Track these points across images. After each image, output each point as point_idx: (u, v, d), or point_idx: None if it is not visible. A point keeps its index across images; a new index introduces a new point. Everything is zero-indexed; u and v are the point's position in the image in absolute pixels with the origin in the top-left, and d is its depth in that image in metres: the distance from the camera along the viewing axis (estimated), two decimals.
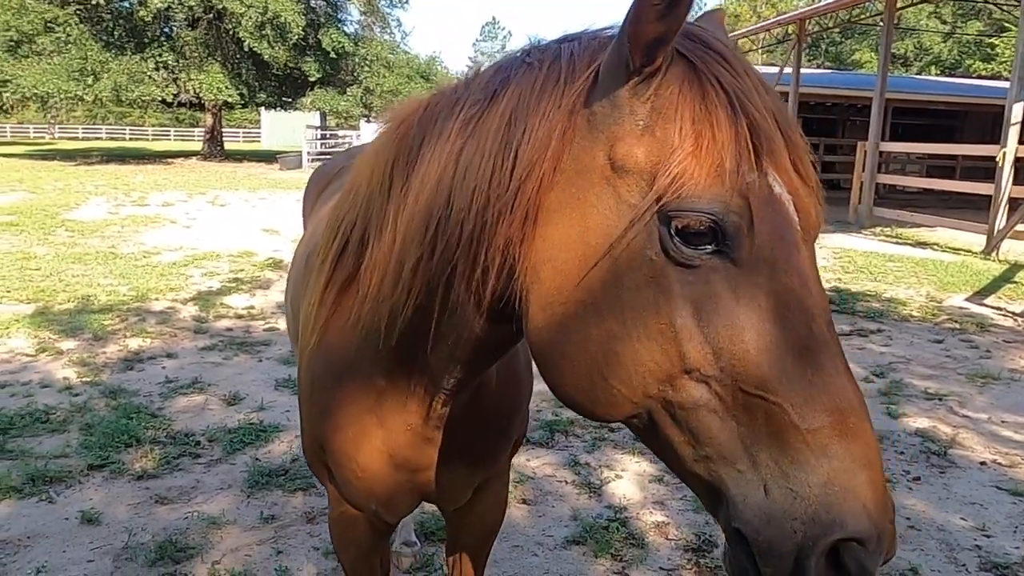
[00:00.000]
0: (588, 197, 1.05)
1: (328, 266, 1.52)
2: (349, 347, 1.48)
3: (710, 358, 0.96)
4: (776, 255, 0.97)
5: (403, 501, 1.72)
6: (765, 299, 0.96)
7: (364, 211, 1.41)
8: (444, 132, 1.24)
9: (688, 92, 1.01)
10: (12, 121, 62.30)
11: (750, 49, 41.10)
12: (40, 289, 7.62)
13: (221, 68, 29.04)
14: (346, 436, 1.59)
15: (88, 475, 3.80)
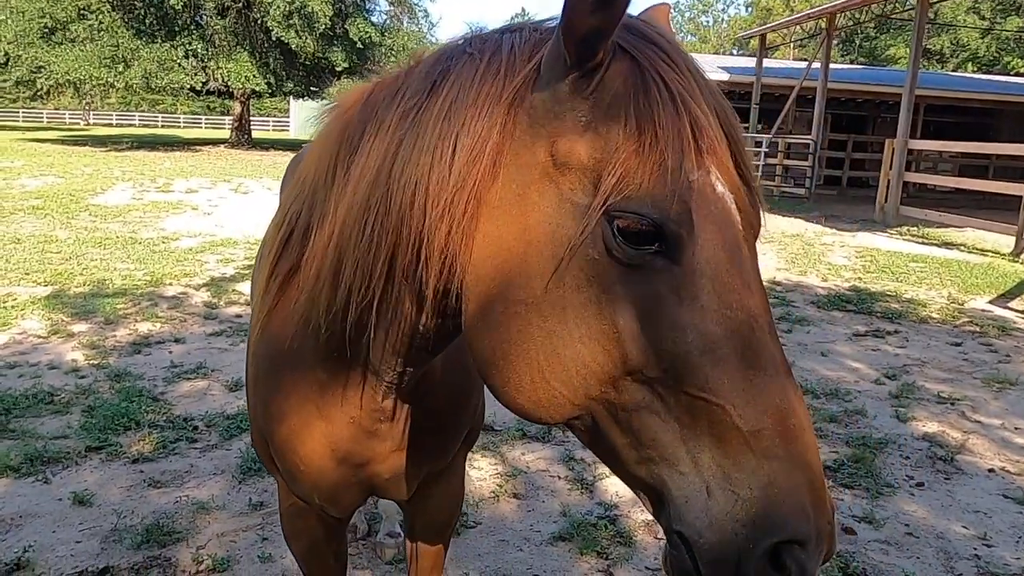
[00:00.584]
0: (529, 194, 1.03)
1: (273, 256, 1.50)
2: (290, 338, 1.45)
3: (653, 360, 0.95)
4: (718, 256, 0.96)
5: (347, 495, 1.69)
6: (707, 300, 0.94)
7: (310, 201, 1.38)
8: (384, 123, 1.21)
9: (631, 89, 0.98)
10: (49, 107, 63.37)
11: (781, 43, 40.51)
12: (58, 272, 7.73)
13: (249, 57, 29.28)
14: (288, 428, 1.57)
15: (86, 457, 3.84)
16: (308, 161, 1.42)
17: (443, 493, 1.95)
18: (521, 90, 1.05)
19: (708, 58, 29.57)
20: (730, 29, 70.38)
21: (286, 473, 1.66)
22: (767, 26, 22.43)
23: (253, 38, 29.45)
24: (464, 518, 3.36)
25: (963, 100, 23.54)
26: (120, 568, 2.92)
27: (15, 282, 7.31)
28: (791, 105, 20.09)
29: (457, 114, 1.09)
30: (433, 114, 1.12)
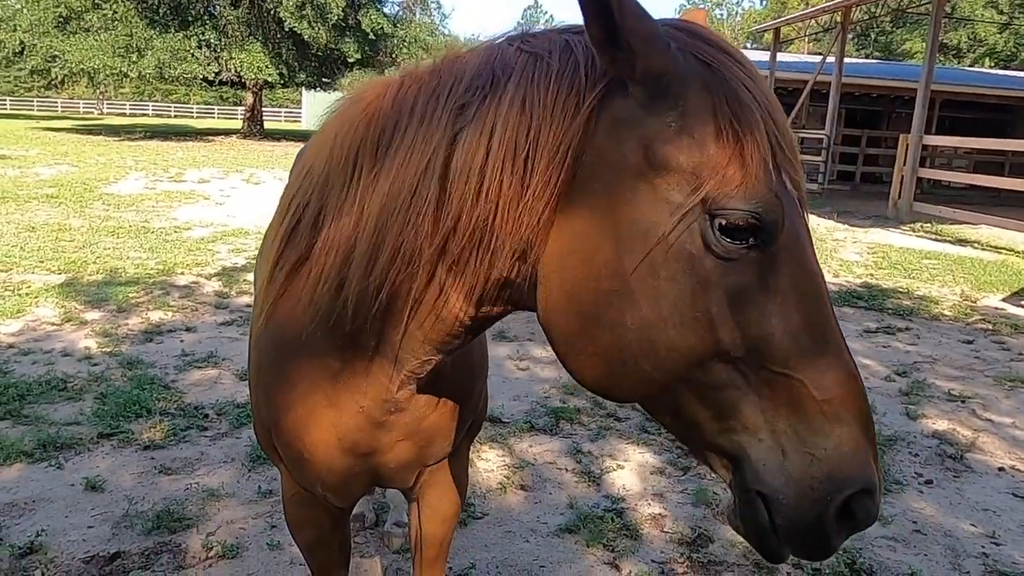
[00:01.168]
0: (621, 192, 1.07)
1: (278, 245, 1.49)
2: (299, 327, 1.46)
3: (740, 341, 1.04)
4: (796, 247, 1.07)
5: (352, 485, 1.70)
6: (788, 286, 1.05)
7: (319, 191, 1.38)
8: (430, 116, 1.22)
9: (717, 96, 1.06)
10: (63, 96, 63.71)
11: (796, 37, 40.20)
12: (71, 260, 7.80)
13: (262, 47, 29.32)
14: (294, 417, 1.57)
15: (98, 443, 3.88)
16: (316, 153, 1.42)
17: (447, 482, 1.96)
18: (601, 92, 1.10)
19: None
20: (744, 23, 69.87)
21: (290, 463, 1.66)
22: (781, 20, 22.26)
23: (266, 28, 29.47)
24: (471, 509, 3.38)
25: (980, 96, 23.29)
26: (131, 553, 2.95)
27: (29, 270, 7.38)
28: (805, 100, 19.95)
29: (533, 113, 1.12)
30: (503, 111, 1.14)
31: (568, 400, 4.71)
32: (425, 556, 2.07)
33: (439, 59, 1.32)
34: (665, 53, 1.04)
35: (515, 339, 5.96)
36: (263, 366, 1.62)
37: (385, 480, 1.76)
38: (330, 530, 1.88)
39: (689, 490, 3.67)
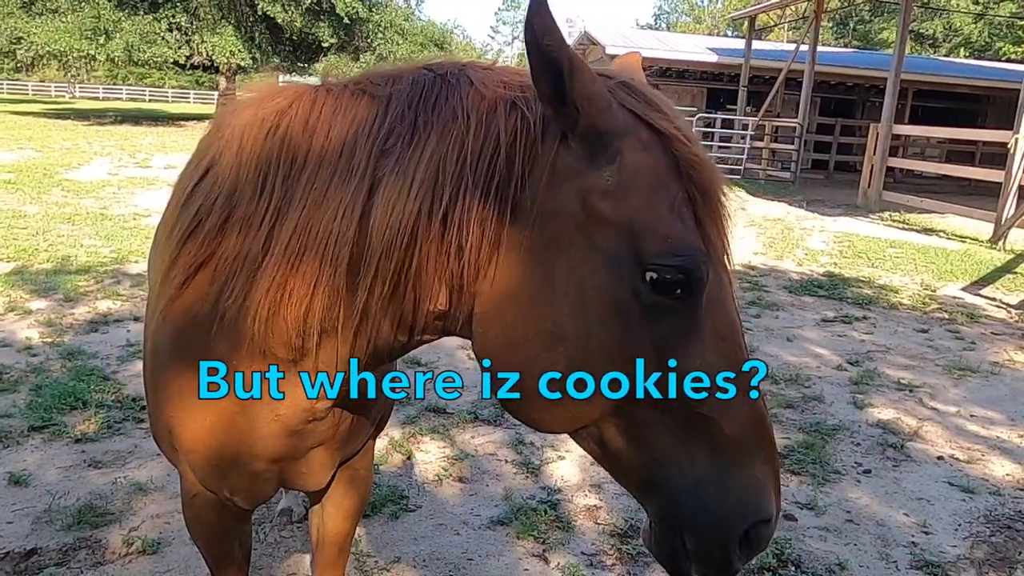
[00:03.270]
0: (559, 240, 1.13)
1: (176, 243, 1.45)
2: (204, 329, 1.41)
3: (665, 383, 1.11)
4: (719, 296, 1.15)
5: (260, 488, 1.67)
6: (710, 332, 1.13)
7: (226, 199, 1.36)
8: (348, 157, 1.22)
9: (652, 153, 1.13)
10: (34, 79, 62.49)
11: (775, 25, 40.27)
12: (22, 248, 7.63)
13: (235, 31, 28.82)
14: (199, 423, 1.51)
15: (28, 436, 3.79)
16: (221, 153, 1.38)
17: (352, 478, 1.92)
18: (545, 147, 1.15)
19: (698, 39, 29.40)
20: (725, 9, 69.89)
21: (194, 466, 1.61)
22: (757, 7, 22.27)
23: (238, 12, 28.97)
24: (404, 502, 3.35)
25: (952, 86, 23.49)
26: (48, 550, 2.89)
27: None
28: (779, 88, 20.00)
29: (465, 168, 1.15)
30: (427, 165, 1.16)
31: None
32: (327, 554, 2.03)
33: (358, 78, 1.33)
34: (607, 112, 1.11)
35: None
36: (162, 362, 1.56)
37: (295, 484, 1.71)
38: (231, 530, 1.83)
39: None
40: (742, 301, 7.26)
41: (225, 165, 1.36)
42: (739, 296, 7.45)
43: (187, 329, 1.47)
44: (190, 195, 1.47)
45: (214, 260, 1.39)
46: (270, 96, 1.37)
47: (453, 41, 41.53)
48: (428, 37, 34.01)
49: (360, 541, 3.03)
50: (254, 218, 1.31)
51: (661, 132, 1.13)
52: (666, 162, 1.12)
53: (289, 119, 1.30)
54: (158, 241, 1.68)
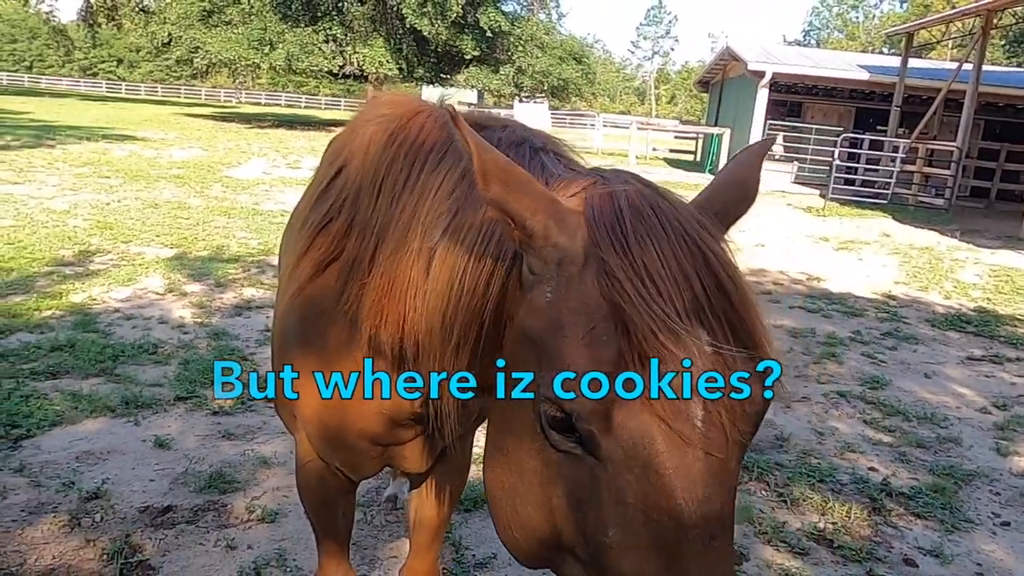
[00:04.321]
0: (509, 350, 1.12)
1: (307, 235, 1.62)
2: (327, 324, 1.57)
3: (581, 543, 0.98)
4: (646, 458, 0.91)
5: (367, 465, 1.80)
6: (632, 498, 0.92)
7: (352, 203, 1.51)
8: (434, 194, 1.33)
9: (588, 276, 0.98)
10: (207, 85, 68.31)
11: (936, 42, 37.60)
12: (184, 236, 8.39)
13: (384, 43, 30.37)
14: (318, 403, 1.65)
15: (174, 405, 4.17)
16: (353, 153, 1.54)
17: (450, 467, 2.00)
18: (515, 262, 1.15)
19: (848, 56, 27.95)
20: (882, 26, 66.03)
21: (311, 436, 1.75)
22: (916, 23, 20.90)
23: (389, 24, 30.50)
24: None
25: None
26: (181, 508, 3.17)
27: (146, 243, 8.00)
28: (937, 109, 18.66)
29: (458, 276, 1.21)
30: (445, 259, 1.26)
31: None
32: (422, 537, 2.12)
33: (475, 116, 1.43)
34: (559, 237, 1.01)
35: None
36: (288, 341, 1.71)
37: (398, 465, 1.82)
38: (337, 499, 1.96)
39: None
40: (876, 332, 6.84)
41: (354, 168, 1.50)
42: (874, 326, 7.02)
43: (312, 317, 1.62)
44: (324, 191, 1.62)
45: (340, 259, 1.53)
46: (393, 101, 1.50)
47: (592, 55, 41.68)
48: (567, 51, 34.37)
49: (459, 533, 3.12)
50: (367, 229, 1.43)
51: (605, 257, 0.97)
52: (600, 290, 0.96)
53: (405, 132, 1.43)
54: (292, 227, 1.84)
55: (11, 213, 8.83)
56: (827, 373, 5.60)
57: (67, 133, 19.79)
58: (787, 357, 5.89)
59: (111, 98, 51.65)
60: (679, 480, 0.91)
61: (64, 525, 2.98)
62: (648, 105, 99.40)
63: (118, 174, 12.95)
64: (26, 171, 12.33)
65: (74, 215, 9.10)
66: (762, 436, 4.37)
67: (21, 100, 36.83)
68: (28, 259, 6.81)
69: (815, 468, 3.98)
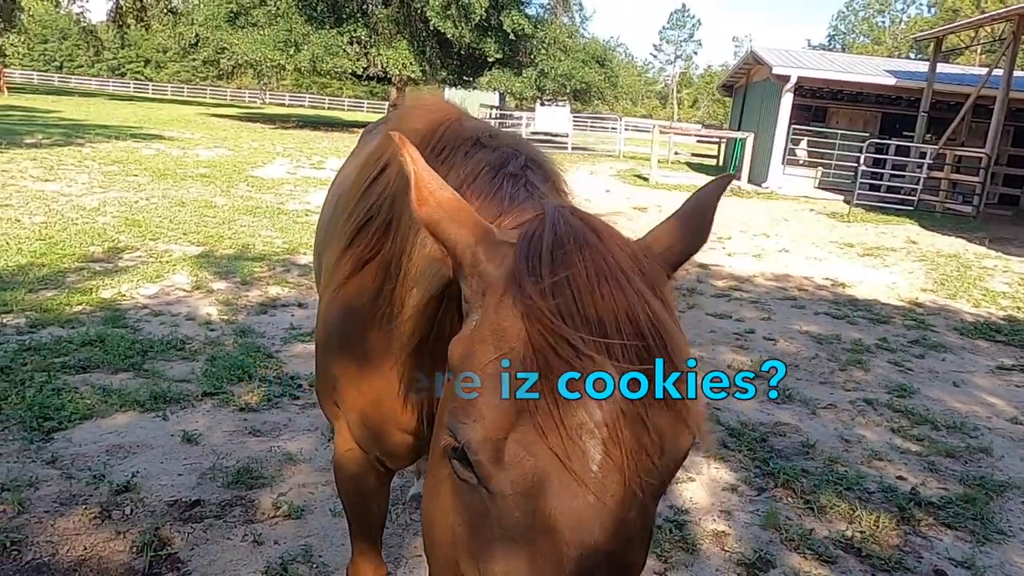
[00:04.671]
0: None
1: (349, 232, 1.66)
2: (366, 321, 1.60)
3: (477, 572, 0.95)
4: (535, 497, 0.88)
5: (406, 455, 1.82)
6: (519, 537, 0.89)
7: (391, 202, 1.54)
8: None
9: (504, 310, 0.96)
10: (232, 86, 69.10)
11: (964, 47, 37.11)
12: (211, 234, 8.48)
13: (408, 45, 30.53)
14: (359, 393, 1.70)
15: (202, 400, 4.21)
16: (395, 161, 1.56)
17: None
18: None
19: (874, 60, 27.65)
20: (908, 31, 65.27)
21: (351, 425, 1.79)
22: (944, 28, 20.64)
23: (413, 27, 30.66)
24: None
25: None
26: (209, 503, 3.20)
27: (173, 240, 8.10)
28: (966, 114, 18.41)
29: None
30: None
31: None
32: None
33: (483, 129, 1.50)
34: (486, 266, 1.02)
35: None
36: (331, 334, 1.76)
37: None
38: (373, 488, 1.97)
39: (760, 511, 3.52)
40: (903, 339, 6.76)
41: (395, 170, 1.52)
42: (900, 334, 6.94)
43: (352, 313, 1.66)
44: (368, 188, 1.66)
45: (378, 258, 1.55)
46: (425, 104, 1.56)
47: (614, 59, 41.60)
48: (590, 54, 34.33)
49: None
50: (399, 230, 1.46)
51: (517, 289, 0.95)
52: (511, 323, 0.94)
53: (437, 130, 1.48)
54: (331, 222, 1.89)
55: (42, 210, 8.98)
56: (853, 380, 5.54)
57: (96, 132, 20.09)
58: (811, 363, 5.84)
59: (138, 98, 52.37)
60: (567, 524, 0.87)
61: (95, 517, 3.02)
62: (670, 109, 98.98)
63: (146, 173, 13.12)
64: (56, 169, 12.53)
65: (103, 212, 9.24)
66: (788, 442, 4.33)
67: (52, 99, 37.45)
68: (59, 255, 6.92)
69: (842, 476, 3.93)
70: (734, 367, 5.58)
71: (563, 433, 0.88)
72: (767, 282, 8.86)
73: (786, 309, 7.59)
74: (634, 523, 0.91)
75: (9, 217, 8.36)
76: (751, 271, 9.39)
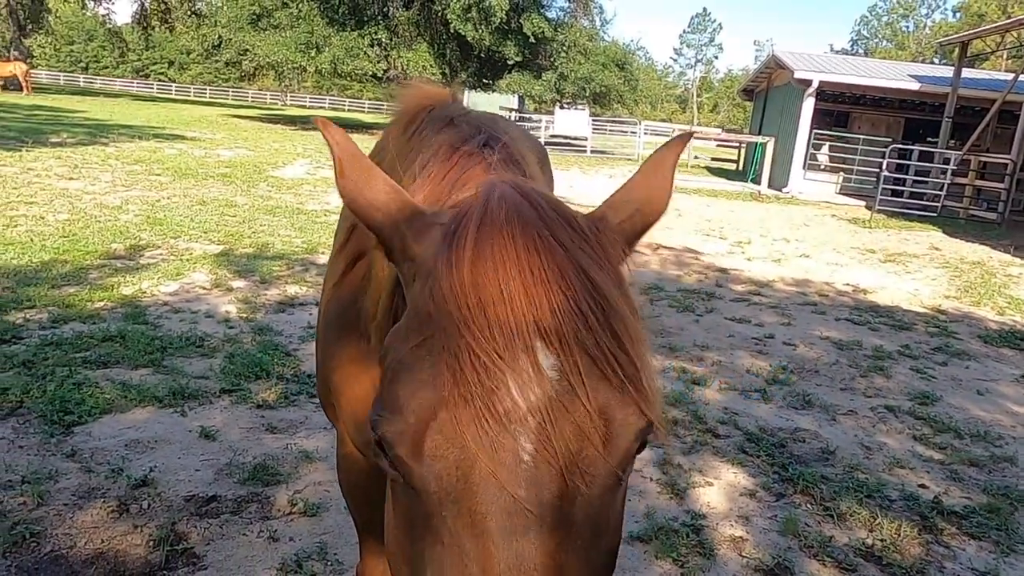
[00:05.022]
0: None
1: (344, 232, 1.66)
2: (355, 319, 1.57)
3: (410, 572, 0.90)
4: (456, 496, 0.82)
5: None
6: (450, 539, 0.82)
7: None
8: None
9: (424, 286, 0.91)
10: (254, 88, 69.74)
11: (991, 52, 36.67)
12: (231, 233, 8.54)
13: (428, 48, 30.66)
14: (355, 393, 1.65)
15: (219, 397, 4.23)
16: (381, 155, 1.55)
17: None
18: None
19: (897, 65, 27.36)
20: (933, 36, 64.57)
21: (348, 427, 1.76)
22: (969, 32, 20.39)
23: (433, 30, 30.78)
24: None
25: None
26: (225, 498, 3.21)
27: (194, 239, 8.16)
28: (991, 120, 18.16)
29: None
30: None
31: (668, 411, 4.58)
32: None
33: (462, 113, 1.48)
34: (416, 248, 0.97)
35: None
36: (328, 334, 1.74)
37: None
38: (375, 491, 1.96)
39: (779, 517, 3.47)
40: (925, 346, 6.66)
41: (387, 163, 1.48)
42: (923, 341, 6.84)
43: (344, 312, 1.63)
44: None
45: (366, 256, 1.49)
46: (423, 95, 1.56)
47: (634, 62, 41.51)
48: (610, 57, 34.30)
49: None
50: None
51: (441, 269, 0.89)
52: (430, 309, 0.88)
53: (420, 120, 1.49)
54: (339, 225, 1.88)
55: (66, 207, 9.09)
56: (874, 387, 5.47)
57: (120, 131, 20.33)
58: (832, 369, 5.77)
59: (161, 99, 52.97)
60: (496, 525, 0.80)
61: (113, 511, 3.04)
62: (690, 113, 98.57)
63: (168, 172, 13.25)
64: (81, 167, 12.69)
65: (126, 210, 9.34)
66: (807, 448, 4.28)
67: (77, 99, 37.96)
68: (82, 252, 7.00)
69: (862, 483, 3.88)
70: (752, 371, 5.53)
71: (488, 423, 0.81)
72: (787, 287, 8.78)
73: (806, 314, 7.51)
74: (579, 521, 0.83)
75: (34, 214, 8.47)
76: (771, 276, 9.31)
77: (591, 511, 0.84)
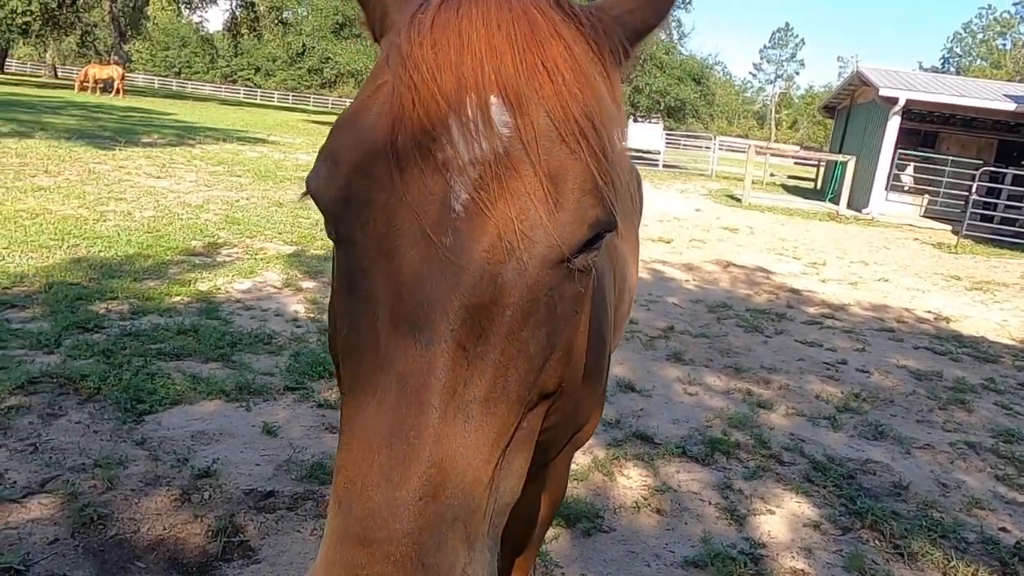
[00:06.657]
0: None
1: None
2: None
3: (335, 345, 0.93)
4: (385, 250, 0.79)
5: None
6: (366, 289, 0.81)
7: None
8: None
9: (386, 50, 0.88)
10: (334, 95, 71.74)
11: None
12: (303, 235, 8.77)
13: None
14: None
15: (283, 394, 4.33)
16: None
17: (540, 487, 1.94)
18: None
19: (992, 84, 26.10)
20: None
21: None
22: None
23: None
24: (599, 522, 3.32)
25: None
26: (283, 494, 3.27)
27: (269, 239, 8.41)
28: None
29: None
30: None
31: (730, 433, 4.45)
32: (506, 557, 2.07)
33: None
34: (395, 15, 0.91)
35: (690, 363, 5.74)
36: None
37: None
38: None
39: (844, 552, 3.31)
40: (1012, 381, 6.29)
41: None
42: (1010, 375, 6.46)
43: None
44: None
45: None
46: None
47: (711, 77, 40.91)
48: (686, 71, 33.86)
49: (552, 551, 3.06)
50: None
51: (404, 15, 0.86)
52: (386, 48, 0.86)
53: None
54: None
55: (152, 205, 9.51)
56: (954, 420, 5.19)
57: (206, 134, 21.20)
58: (908, 400, 5.50)
59: (247, 103, 55.08)
60: (412, 275, 0.76)
61: (176, 499, 3.13)
62: (768, 129, 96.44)
63: (248, 173, 13.73)
64: (168, 167, 13.27)
65: (207, 209, 9.70)
66: (878, 481, 4.08)
67: (168, 102, 39.80)
68: (163, 248, 7.30)
69: (937, 522, 3.67)
70: (822, 398, 5.32)
71: (423, 169, 0.77)
72: (863, 312, 8.44)
73: (883, 341, 7.20)
74: (512, 286, 0.77)
75: (122, 210, 8.89)
76: (846, 299, 8.97)
77: (527, 279, 0.78)
